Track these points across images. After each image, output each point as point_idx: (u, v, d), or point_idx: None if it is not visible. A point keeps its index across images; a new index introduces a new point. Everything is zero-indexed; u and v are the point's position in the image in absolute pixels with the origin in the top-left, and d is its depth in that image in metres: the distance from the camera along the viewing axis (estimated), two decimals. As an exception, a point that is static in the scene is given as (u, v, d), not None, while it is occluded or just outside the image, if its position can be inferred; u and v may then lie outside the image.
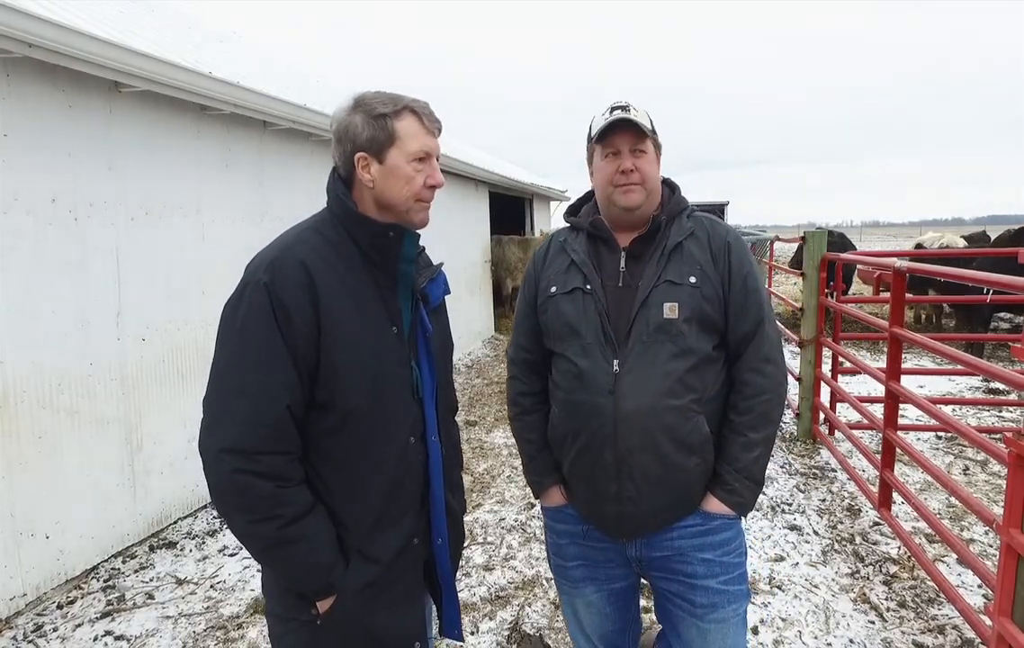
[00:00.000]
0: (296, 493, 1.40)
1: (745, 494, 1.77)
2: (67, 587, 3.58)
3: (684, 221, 1.83)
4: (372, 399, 1.44)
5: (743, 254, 1.80)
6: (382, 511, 1.48)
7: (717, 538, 1.79)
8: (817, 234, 5.64)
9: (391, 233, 1.47)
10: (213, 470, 1.37)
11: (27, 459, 3.39)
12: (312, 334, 1.39)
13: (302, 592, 1.45)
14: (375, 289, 1.48)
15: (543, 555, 3.86)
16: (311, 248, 1.44)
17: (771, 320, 1.81)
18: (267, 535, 1.37)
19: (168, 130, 4.31)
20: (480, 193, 11.32)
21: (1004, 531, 2.32)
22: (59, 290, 3.57)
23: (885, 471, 3.84)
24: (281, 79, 6.51)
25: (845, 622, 3.14)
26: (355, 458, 1.46)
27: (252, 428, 1.35)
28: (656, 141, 1.84)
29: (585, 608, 1.96)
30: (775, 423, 1.80)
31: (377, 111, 1.45)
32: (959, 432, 3.04)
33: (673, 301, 1.72)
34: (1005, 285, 2.87)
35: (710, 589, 1.78)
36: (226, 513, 1.40)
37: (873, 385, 6.57)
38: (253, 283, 1.40)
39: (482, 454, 5.68)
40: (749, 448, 1.74)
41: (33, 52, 3.22)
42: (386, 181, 1.48)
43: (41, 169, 3.48)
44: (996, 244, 10.09)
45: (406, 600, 1.55)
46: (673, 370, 1.70)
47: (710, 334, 1.75)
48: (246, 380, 1.37)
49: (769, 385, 1.76)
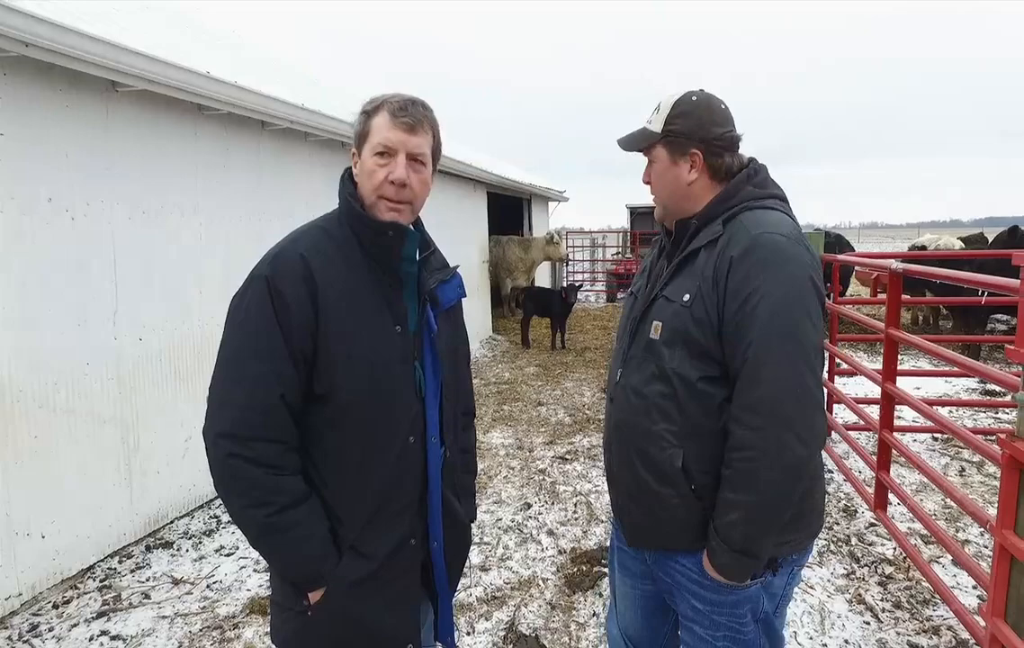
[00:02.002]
0: (289, 481, 1.43)
1: (725, 559, 1.52)
2: (63, 587, 3.58)
3: (715, 225, 1.59)
4: (371, 394, 1.46)
5: (751, 272, 1.46)
6: (378, 509, 1.49)
7: (711, 596, 1.63)
8: (814, 235, 5.66)
9: (390, 232, 1.48)
10: (211, 454, 1.42)
11: (23, 458, 3.38)
12: (310, 325, 1.42)
13: (293, 580, 1.47)
14: (378, 287, 1.50)
15: (539, 555, 3.86)
16: (313, 244, 1.48)
17: (785, 359, 1.43)
18: (258, 520, 1.41)
19: (165, 130, 4.31)
20: (478, 193, 11.33)
21: (998, 532, 2.33)
22: (56, 289, 3.57)
23: (881, 472, 3.85)
24: (279, 79, 6.51)
25: (840, 623, 3.14)
26: (353, 453, 1.47)
27: (246, 415, 1.40)
28: (673, 141, 1.64)
29: (622, 597, 1.93)
30: (765, 490, 1.44)
31: (364, 108, 1.51)
32: (954, 433, 3.05)
33: (659, 320, 1.60)
34: (998, 287, 2.88)
35: (695, 634, 1.69)
36: (225, 497, 1.44)
37: (869, 387, 6.59)
38: (256, 277, 1.45)
39: (479, 454, 5.66)
40: (727, 509, 1.50)
41: (30, 51, 3.21)
42: (360, 177, 1.52)
43: (38, 169, 3.48)
44: (993, 245, 10.11)
45: (400, 601, 1.55)
46: (650, 393, 1.59)
47: (701, 362, 1.53)
48: (244, 369, 1.42)
49: (754, 441, 1.44)
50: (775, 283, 1.45)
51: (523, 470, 5.26)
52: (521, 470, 5.26)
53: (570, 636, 3.09)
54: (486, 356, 10.07)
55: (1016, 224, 9.52)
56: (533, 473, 5.16)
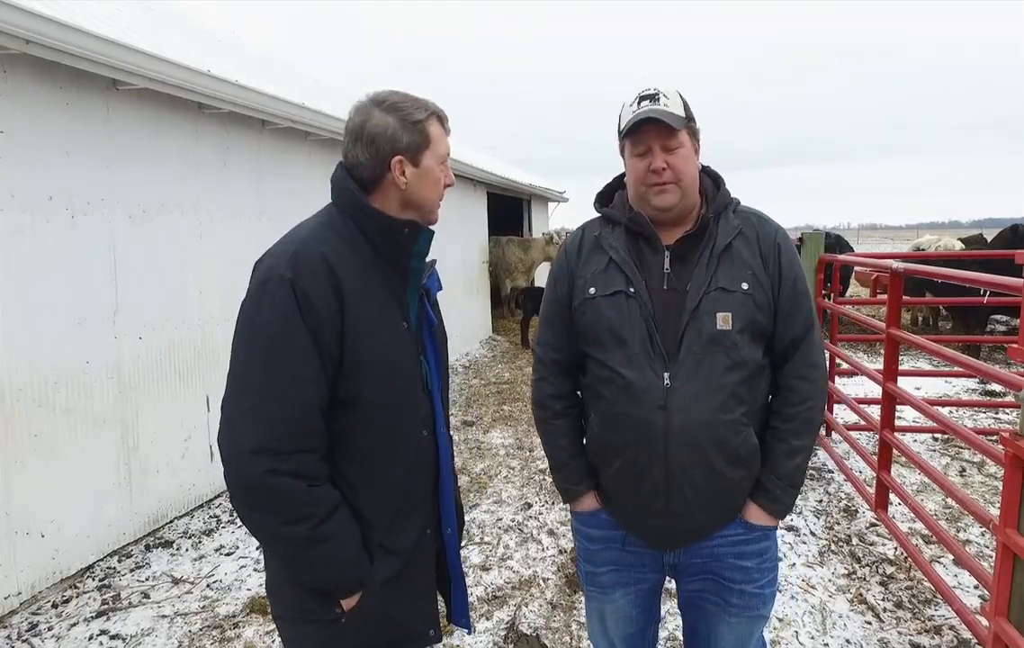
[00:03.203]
0: (326, 491, 1.40)
1: (787, 500, 1.74)
2: (62, 586, 3.57)
3: (731, 218, 1.72)
4: (392, 393, 1.47)
5: (793, 255, 1.72)
6: (400, 505, 1.51)
7: (757, 547, 1.77)
8: (815, 235, 5.65)
9: (406, 229, 1.50)
10: (243, 472, 1.34)
11: (23, 457, 3.38)
12: (337, 328, 1.39)
13: (331, 591, 1.45)
14: (387, 284, 1.50)
15: (540, 555, 3.85)
16: (328, 242, 1.44)
17: (816, 323, 1.75)
18: (300, 535, 1.36)
19: (166, 128, 4.30)
20: (478, 193, 11.32)
21: (1001, 531, 2.33)
22: (56, 288, 3.56)
23: (882, 472, 3.84)
24: (280, 78, 6.51)
25: (842, 622, 3.14)
26: (377, 453, 1.48)
27: (284, 427, 1.34)
28: (692, 128, 1.70)
29: (612, 613, 1.90)
30: (818, 427, 1.76)
31: (413, 117, 1.49)
32: (956, 433, 3.05)
33: (726, 310, 1.62)
34: (1003, 286, 2.88)
35: (745, 593, 1.76)
36: (258, 515, 1.38)
37: (869, 387, 6.59)
38: (276, 278, 1.37)
39: (479, 454, 5.67)
40: (792, 455, 1.70)
41: (31, 49, 3.21)
42: (420, 182, 1.51)
43: (38, 167, 3.47)
44: (994, 242, 10.07)
45: (423, 592, 1.59)
46: (727, 383, 1.63)
47: (760, 342, 1.69)
48: (274, 378, 1.35)
49: (815, 391, 1.71)
50: (801, 266, 1.77)
51: (523, 470, 5.25)
52: (521, 470, 5.25)
53: (571, 636, 3.09)
54: (486, 356, 10.07)
55: (1017, 223, 9.50)
56: (533, 473, 5.16)
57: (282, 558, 1.44)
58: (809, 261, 5.51)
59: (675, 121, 1.63)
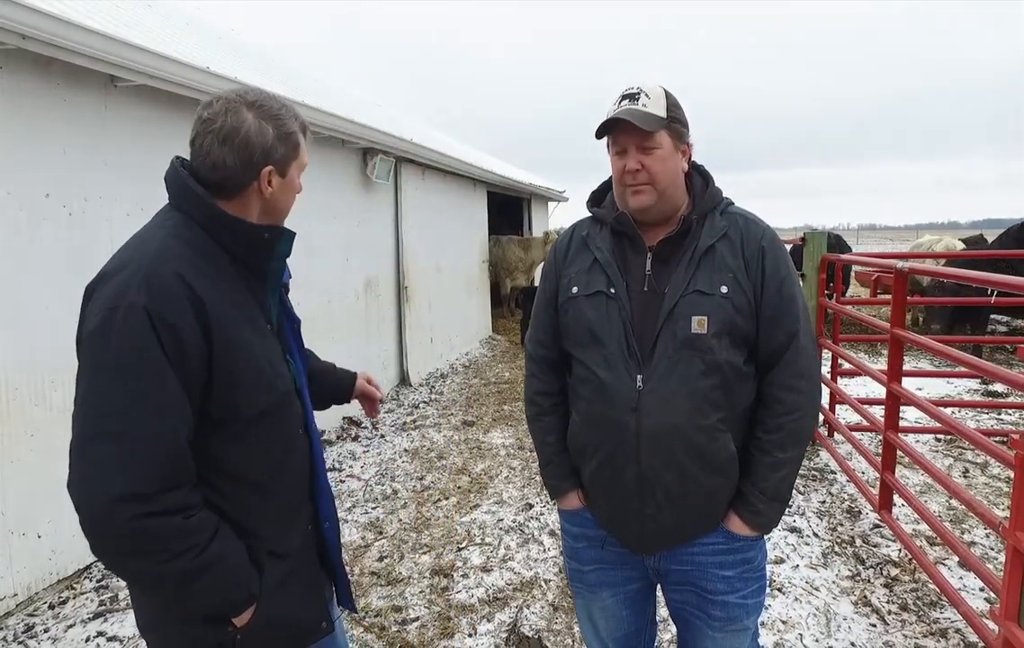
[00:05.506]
0: (203, 517, 1.32)
1: (770, 514, 1.69)
2: (59, 587, 3.54)
3: (717, 219, 1.68)
4: (269, 402, 1.42)
5: (780, 260, 1.66)
6: (286, 508, 1.51)
7: (739, 557, 1.73)
8: (817, 235, 5.63)
9: (267, 234, 1.45)
10: (106, 522, 1.23)
11: (19, 457, 3.34)
12: (203, 352, 1.29)
13: (224, 612, 1.38)
14: (247, 290, 1.45)
15: (541, 556, 3.83)
16: (182, 259, 1.32)
17: (807, 331, 1.67)
18: (183, 569, 1.27)
19: (164, 125, 4.26)
20: (478, 193, 11.29)
21: (1010, 535, 2.30)
22: (52, 285, 3.53)
23: (886, 473, 3.82)
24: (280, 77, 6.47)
25: (846, 625, 3.11)
26: (258, 464, 1.44)
27: (149, 470, 1.23)
28: (675, 128, 1.66)
29: (601, 613, 1.89)
30: (806, 440, 1.69)
31: (288, 127, 1.45)
32: (962, 434, 3.02)
33: (702, 314, 1.59)
34: (1011, 286, 2.85)
35: (728, 604, 1.73)
36: (131, 562, 1.27)
37: (871, 387, 6.56)
38: (126, 307, 1.25)
39: (480, 454, 5.64)
40: (776, 468, 1.65)
41: (27, 44, 3.18)
42: (283, 193, 1.48)
43: (35, 163, 3.44)
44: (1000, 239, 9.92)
45: (314, 585, 1.59)
46: (700, 388, 1.60)
47: (741, 348, 1.64)
48: (133, 417, 1.23)
49: (802, 402, 1.65)
50: (790, 268, 1.69)
51: (524, 470, 5.22)
52: (522, 470, 5.22)
53: (573, 638, 3.06)
54: (486, 356, 10.04)
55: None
56: (534, 473, 5.12)
57: (167, 597, 1.34)
58: (812, 261, 5.49)
59: (647, 122, 1.60)
